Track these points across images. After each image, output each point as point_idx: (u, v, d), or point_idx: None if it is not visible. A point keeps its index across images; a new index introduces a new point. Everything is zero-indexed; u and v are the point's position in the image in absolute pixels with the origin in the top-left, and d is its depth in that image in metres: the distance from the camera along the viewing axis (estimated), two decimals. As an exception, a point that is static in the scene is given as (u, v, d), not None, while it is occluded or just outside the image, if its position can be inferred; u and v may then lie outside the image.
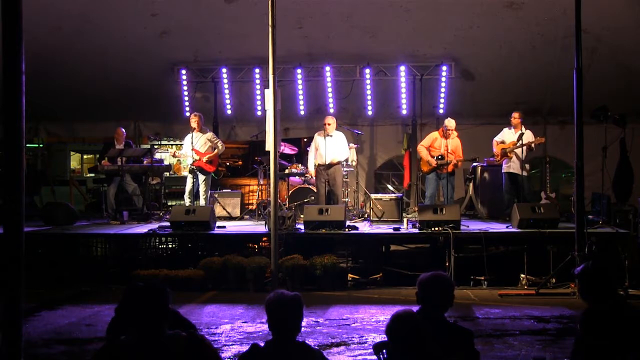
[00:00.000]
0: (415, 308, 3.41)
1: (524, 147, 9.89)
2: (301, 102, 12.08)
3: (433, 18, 10.71)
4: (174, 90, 12.15)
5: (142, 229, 9.47)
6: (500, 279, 8.49)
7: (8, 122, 3.27)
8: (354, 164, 11.15)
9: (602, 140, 9.39)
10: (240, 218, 11.09)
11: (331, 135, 10.31)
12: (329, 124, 10.26)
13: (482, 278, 8.53)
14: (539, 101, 11.74)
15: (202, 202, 10.42)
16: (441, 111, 11.83)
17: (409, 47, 11.45)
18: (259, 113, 12.04)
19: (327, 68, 11.78)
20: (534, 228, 8.75)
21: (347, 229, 9.00)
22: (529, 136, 10.12)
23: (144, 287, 3.01)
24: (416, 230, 8.99)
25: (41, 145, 13.81)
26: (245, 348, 3.27)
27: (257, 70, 11.88)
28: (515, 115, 10.27)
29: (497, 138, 10.52)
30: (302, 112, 12.22)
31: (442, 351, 3.20)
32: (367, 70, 11.68)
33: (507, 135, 10.33)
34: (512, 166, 10.22)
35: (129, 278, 8.02)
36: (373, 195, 10.52)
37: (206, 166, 10.44)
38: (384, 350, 3.31)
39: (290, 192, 10.81)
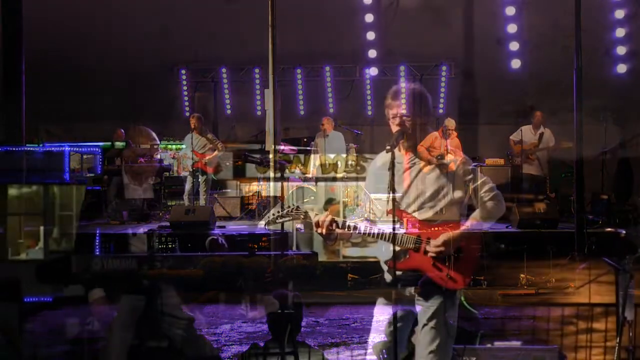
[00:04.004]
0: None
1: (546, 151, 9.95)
2: (301, 102, 12.08)
3: (433, 18, 10.71)
4: (174, 90, 12.15)
5: (142, 229, 9.47)
6: (500, 279, 8.48)
7: (8, 122, 3.27)
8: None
9: (602, 140, 9.38)
10: (240, 218, 11.07)
11: (328, 135, 10.37)
12: (322, 125, 10.36)
13: (482, 278, 8.52)
14: (539, 101, 11.72)
15: (202, 202, 10.41)
16: (441, 111, 11.82)
17: (409, 47, 11.45)
18: (259, 113, 12.04)
19: (327, 68, 11.78)
20: (533, 228, 8.75)
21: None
22: (548, 136, 10.05)
23: (142, 287, 3.01)
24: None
25: (41, 145, 13.79)
26: (245, 348, 3.27)
27: (256, 70, 11.88)
28: (538, 114, 10.10)
29: (515, 137, 10.30)
30: (302, 112, 12.22)
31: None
32: (367, 70, 11.68)
33: (526, 135, 9.96)
34: (531, 168, 10.08)
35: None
36: (373, 195, 10.48)
37: (206, 167, 10.43)
38: (384, 350, 3.31)
39: (290, 192, 10.79)
